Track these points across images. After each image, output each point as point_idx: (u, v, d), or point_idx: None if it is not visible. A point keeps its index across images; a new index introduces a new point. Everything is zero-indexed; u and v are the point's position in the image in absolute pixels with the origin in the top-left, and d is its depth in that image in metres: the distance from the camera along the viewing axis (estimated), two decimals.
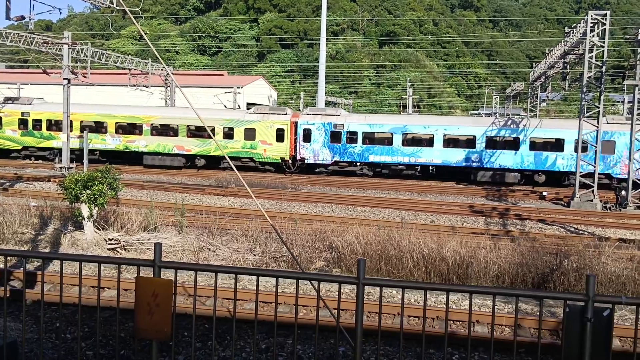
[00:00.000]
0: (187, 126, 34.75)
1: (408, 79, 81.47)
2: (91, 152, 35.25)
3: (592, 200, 24.47)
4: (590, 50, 24.37)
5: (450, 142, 32.52)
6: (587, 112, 25.80)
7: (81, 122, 35.47)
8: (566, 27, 30.42)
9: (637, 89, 24.15)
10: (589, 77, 24.91)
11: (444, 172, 33.35)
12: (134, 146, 35.18)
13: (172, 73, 46.70)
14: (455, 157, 32.21)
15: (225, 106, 47.59)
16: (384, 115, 49.02)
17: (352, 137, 33.16)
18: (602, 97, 25.17)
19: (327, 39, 56.90)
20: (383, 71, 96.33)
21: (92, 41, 72.83)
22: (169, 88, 43.36)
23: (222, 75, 67.96)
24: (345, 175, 33.60)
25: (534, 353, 7.05)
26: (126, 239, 12.85)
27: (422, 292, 8.38)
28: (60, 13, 60.89)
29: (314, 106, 59.48)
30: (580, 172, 25.13)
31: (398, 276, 11.09)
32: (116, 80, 52.70)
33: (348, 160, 33.45)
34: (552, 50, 34.35)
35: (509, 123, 31.90)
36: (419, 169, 33.55)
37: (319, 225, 14.33)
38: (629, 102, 39.82)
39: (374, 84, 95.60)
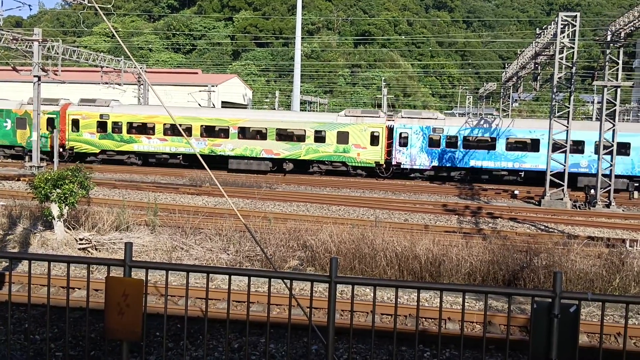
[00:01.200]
0: (277, 129, 33.44)
1: (383, 78, 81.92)
2: (174, 155, 34.60)
3: (562, 199, 24.91)
4: (561, 51, 24.79)
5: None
6: (557, 112, 26.26)
7: (164, 125, 34.03)
8: (537, 29, 30.93)
9: (606, 89, 24.66)
10: (560, 78, 25.35)
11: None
12: (220, 150, 33.79)
13: (145, 71, 46.17)
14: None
15: (199, 105, 47.22)
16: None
17: (451, 141, 32.00)
18: (572, 98, 25.64)
19: (302, 37, 56.89)
20: (358, 70, 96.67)
21: (64, 38, 71.57)
22: (142, 86, 42.89)
23: (197, 73, 67.51)
24: (440, 180, 33.11)
25: (504, 349, 7.16)
26: (97, 239, 12.68)
27: (394, 289, 8.44)
28: (31, 9, 59.86)
29: (289, 105, 59.43)
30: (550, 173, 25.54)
31: (371, 274, 11.15)
32: (88, 78, 52.00)
33: (447, 165, 32.31)
34: (523, 51, 34.87)
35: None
36: (522, 175, 32.04)
37: (293, 224, 14.33)
38: (598, 102, 40.63)
39: (349, 83, 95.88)
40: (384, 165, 32.91)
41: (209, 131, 34.02)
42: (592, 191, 25.08)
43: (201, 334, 7.57)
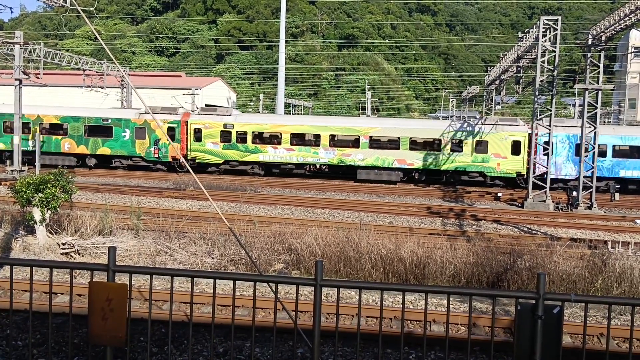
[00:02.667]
0: (410, 138, 32.03)
1: (367, 81, 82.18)
2: (300, 166, 33.67)
3: (544, 201, 25.15)
4: (543, 55, 25.05)
5: None
6: (539, 114, 26.52)
7: (291, 134, 32.96)
8: (519, 32, 31.24)
9: (587, 92, 24.97)
10: (542, 81, 25.62)
11: None
12: (350, 160, 32.65)
13: (128, 74, 45.88)
14: None
15: (182, 107, 47.00)
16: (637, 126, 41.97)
17: (600, 150, 29.60)
18: (554, 101, 25.91)
19: (286, 41, 56.88)
20: (342, 74, 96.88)
21: (46, 41, 70.94)
22: (125, 89, 42.60)
23: (180, 76, 67.17)
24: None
25: (489, 351, 7.21)
26: (80, 243, 12.56)
27: (379, 292, 8.47)
28: (12, 12, 59.11)
29: (274, 108, 59.37)
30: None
31: (357, 277, 11.17)
32: (70, 81, 51.50)
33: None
34: (506, 54, 35.19)
35: None
36: None
37: (278, 228, 14.31)
38: (579, 105, 41.13)
39: (334, 86, 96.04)
40: (525, 175, 30.88)
41: (338, 141, 32.96)
42: (574, 193, 25.35)
43: (186, 339, 7.52)
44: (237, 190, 25.84)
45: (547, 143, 26.45)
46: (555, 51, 24.87)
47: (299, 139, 33.08)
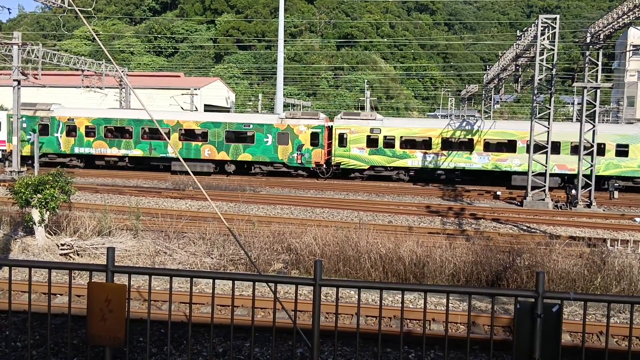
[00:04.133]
0: (571, 142, 30.28)
1: (366, 80, 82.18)
2: (451, 171, 32.91)
3: (543, 200, 25.15)
4: (541, 53, 25.05)
5: None
6: (538, 113, 26.51)
7: (441, 138, 32.15)
8: (518, 31, 31.24)
9: (585, 91, 24.97)
10: (540, 80, 25.62)
11: None
12: (505, 165, 31.56)
13: (127, 74, 45.86)
14: None
15: (182, 108, 46.99)
16: None
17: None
18: (552, 99, 25.92)
19: (285, 40, 56.86)
20: (341, 73, 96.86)
21: (44, 42, 70.82)
22: (123, 90, 42.57)
23: (179, 76, 67.16)
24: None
25: (489, 349, 7.20)
26: (79, 244, 12.55)
27: (379, 291, 8.47)
28: (10, 13, 59.06)
29: (272, 108, 59.25)
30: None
31: (356, 276, 11.17)
32: (69, 82, 51.48)
33: None
34: (504, 53, 35.18)
35: None
36: None
37: (278, 227, 14.30)
38: (578, 103, 41.14)
39: (332, 85, 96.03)
40: None
41: (493, 145, 32.10)
42: (573, 191, 25.36)
43: (185, 339, 7.52)
44: (237, 190, 25.84)
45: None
46: (553, 49, 24.87)
47: (450, 144, 32.30)
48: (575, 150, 29.90)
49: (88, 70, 38.31)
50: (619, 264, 10.55)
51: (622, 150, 30.45)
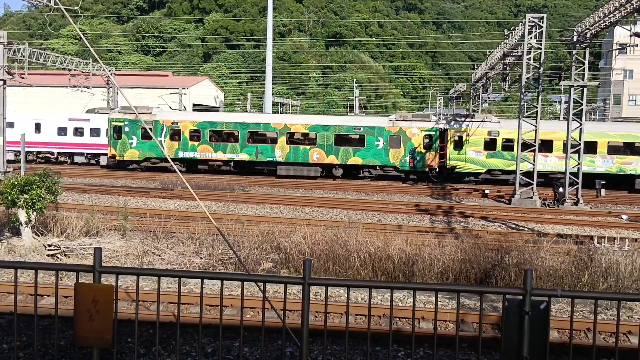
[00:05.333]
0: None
1: (355, 79, 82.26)
2: (576, 175, 32.83)
3: (531, 198, 25.30)
4: (529, 52, 25.19)
5: None
6: (526, 112, 26.68)
7: (563, 141, 30.58)
8: (505, 30, 31.40)
9: (572, 89, 25.14)
10: (528, 78, 25.76)
11: None
12: (630, 169, 31.02)
13: (114, 74, 45.54)
14: None
15: (170, 107, 46.79)
16: None
17: None
18: (540, 98, 26.07)
19: (273, 39, 56.79)
20: (330, 72, 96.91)
21: (30, 41, 70.20)
22: (111, 89, 42.32)
23: (167, 75, 66.88)
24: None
25: (477, 347, 7.22)
26: (66, 245, 12.45)
27: (368, 290, 8.48)
28: None
29: (261, 107, 59.13)
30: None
31: (345, 275, 11.17)
32: (56, 81, 51.06)
33: None
34: (492, 52, 35.35)
35: None
36: None
37: (267, 227, 14.27)
38: (565, 102, 41.39)
39: (321, 84, 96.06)
40: None
41: (615, 148, 31.34)
42: (561, 189, 25.53)
43: (174, 339, 7.48)
44: (226, 190, 25.76)
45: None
46: (540, 48, 25.01)
47: (572, 147, 31.68)
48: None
49: (75, 70, 38.03)
50: (606, 261, 10.63)
51: None
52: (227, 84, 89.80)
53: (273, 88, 60.33)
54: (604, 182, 29.06)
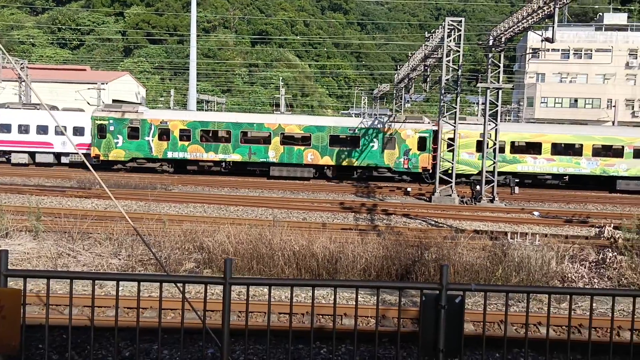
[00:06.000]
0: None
1: (281, 78, 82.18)
2: (558, 176, 32.76)
3: (450, 195, 26.18)
4: (448, 55, 26.03)
5: None
6: (446, 112, 27.56)
7: (552, 144, 32.56)
8: (427, 32, 32.28)
9: (488, 91, 26.20)
10: (447, 80, 26.62)
11: None
12: (612, 170, 32.26)
13: (27, 67, 43.22)
14: None
15: (88, 103, 45.01)
16: None
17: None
18: (458, 99, 27.01)
19: (197, 35, 55.76)
20: (256, 70, 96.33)
21: None
22: (23, 83, 40.20)
23: (85, 70, 64.32)
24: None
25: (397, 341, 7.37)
26: None
27: (290, 288, 8.46)
28: None
29: (185, 104, 57.95)
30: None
31: (269, 274, 11.13)
32: None
33: None
34: (414, 53, 36.24)
35: None
36: None
37: (190, 226, 13.98)
38: (482, 103, 43.04)
39: (247, 82, 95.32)
40: None
41: (599, 150, 32.50)
42: (478, 187, 26.56)
43: (89, 344, 7.19)
44: (147, 189, 25.07)
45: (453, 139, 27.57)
46: (459, 51, 25.90)
47: (559, 149, 32.57)
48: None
49: None
50: (519, 256, 11.13)
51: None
52: (150, 80, 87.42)
53: (198, 85, 59.25)
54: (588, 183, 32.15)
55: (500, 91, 26.47)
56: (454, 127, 26.66)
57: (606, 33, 64.39)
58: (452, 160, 26.77)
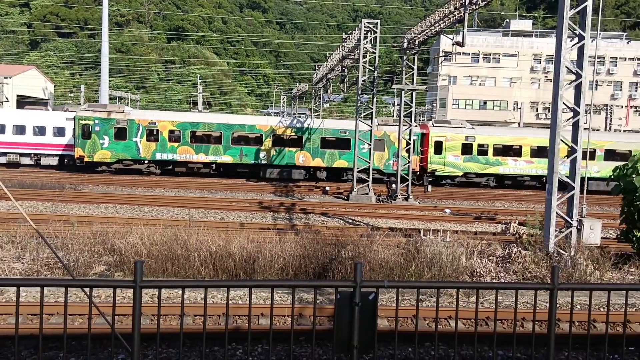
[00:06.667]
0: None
1: (198, 75, 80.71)
2: (536, 178, 34.17)
3: (367, 194, 26.67)
4: (364, 56, 26.49)
5: None
6: (363, 112, 28.04)
7: (531, 147, 34.20)
8: (344, 33, 32.72)
9: (403, 92, 26.89)
10: (364, 81, 27.09)
11: None
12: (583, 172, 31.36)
13: None
14: None
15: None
16: None
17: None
18: (375, 99, 27.56)
19: (110, 29, 53.75)
20: (172, 67, 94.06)
21: None
22: None
23: None
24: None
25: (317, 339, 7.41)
26: None
27: (204, 290, 8.30)
28: None
29: (97, 100, 55.74)
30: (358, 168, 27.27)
31: (185, 275, 10.88)
32: None
33: None
34: (332, 54, 36.61)
35: None
36: None
37: (100, 227, 13.43)
38: (398, 104, 44.13)
39: (163, 79, 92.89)
40: None
41: (539, 152, 33.55)
42: (394, 186, 27.23)
43: None
44: (55, 189, 23.88)
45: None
46: (375, 53, 26.42)
47: (538, 152, 33.33)
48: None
49: None
50: (431, 252, 11.48)
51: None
52: (58, 75, 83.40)
53: (110, 81, 57.12)
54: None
55: (414, 93, 27.23)
56: (371, 127, 27.17)
57: (512, 39, 67.90)
58: (369, 159, 27.28)
